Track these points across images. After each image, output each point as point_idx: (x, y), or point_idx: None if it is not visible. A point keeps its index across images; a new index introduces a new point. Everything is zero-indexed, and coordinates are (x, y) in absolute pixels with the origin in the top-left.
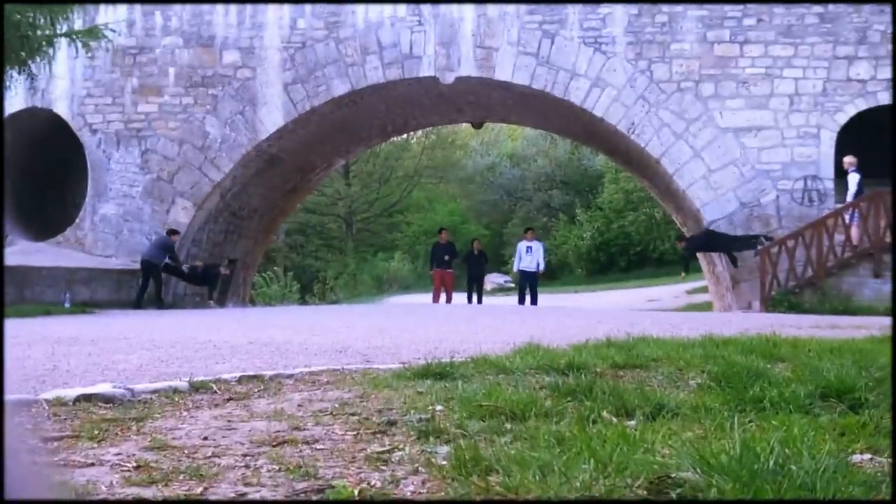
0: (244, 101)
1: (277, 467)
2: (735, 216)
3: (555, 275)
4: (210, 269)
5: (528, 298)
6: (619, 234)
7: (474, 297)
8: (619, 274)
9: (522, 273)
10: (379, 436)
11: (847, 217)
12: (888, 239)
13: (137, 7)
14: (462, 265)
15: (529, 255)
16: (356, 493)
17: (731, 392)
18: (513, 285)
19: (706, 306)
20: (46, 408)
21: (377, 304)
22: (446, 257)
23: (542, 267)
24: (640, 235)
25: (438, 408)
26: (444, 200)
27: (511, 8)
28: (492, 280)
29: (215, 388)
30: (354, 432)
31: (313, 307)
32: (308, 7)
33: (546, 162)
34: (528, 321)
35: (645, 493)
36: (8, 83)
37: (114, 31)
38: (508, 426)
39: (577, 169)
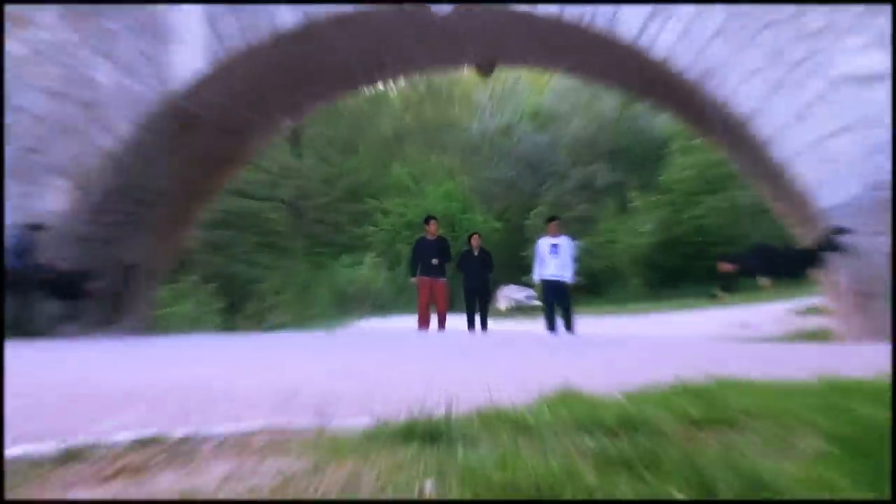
0: (149, 36)
1: None
2: (861, 202)
3: (599, 287)
4: (70, 278)
5: (559, 322)
6: (692, 229)
7: (477, 320)
8: (694, 286)
9: (546, 285)
10: None
11: None
12: None
13: None
14: (458, 273)
15: (555, 257)
16: None
17: (865, 463)
18: (538, 303)
19: (824, 334)
20: None
21: (340, 331)
22: (435, 260)
23: (571, 275)
24: (723, 229)
25: (428, 486)
26: (438, 179)
27: None
28: (507, 294)
29: (97, 455)
30: None
31: (244, 336)
32: None
33: (585, 124)
34: (559, 356)
35: None
36: None
37: None
38: None
39: (629, 134)
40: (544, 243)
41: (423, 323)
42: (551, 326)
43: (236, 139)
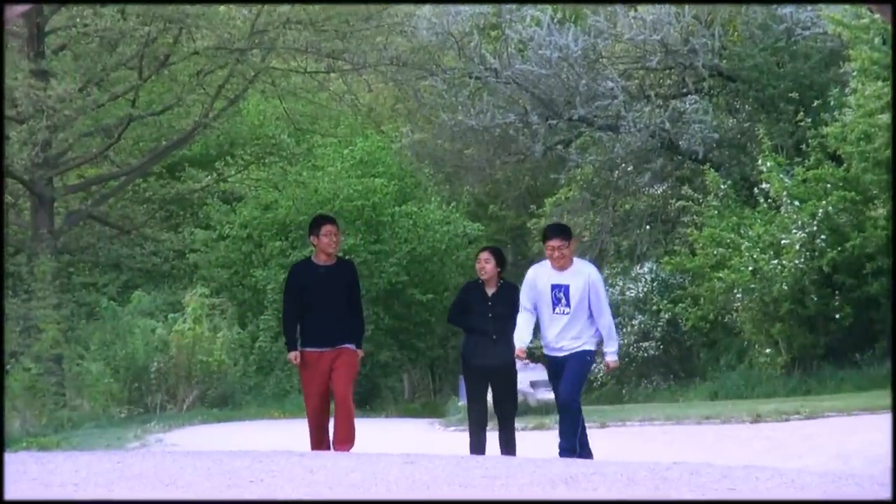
0: None
1: None
2: None
3: (688, 360)
4: None
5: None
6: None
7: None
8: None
9: (549, 364)
10: None
11: None
12: None
13: None
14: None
15: (561, 312)
16: None
17: None
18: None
19: None
20: None
21: (116, 455)
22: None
23: (613, 354)
24: None
25: None
26: (347, 130)
27: None
28: (529, 378)
29: None
30: None
31: None
32: None
33: (644, 25)
34: None
35: None
36: None
37: None
38: None
39: (745, 39)
40: (541, 281)
41: (318, 437)
42: (572, 445)
43: None
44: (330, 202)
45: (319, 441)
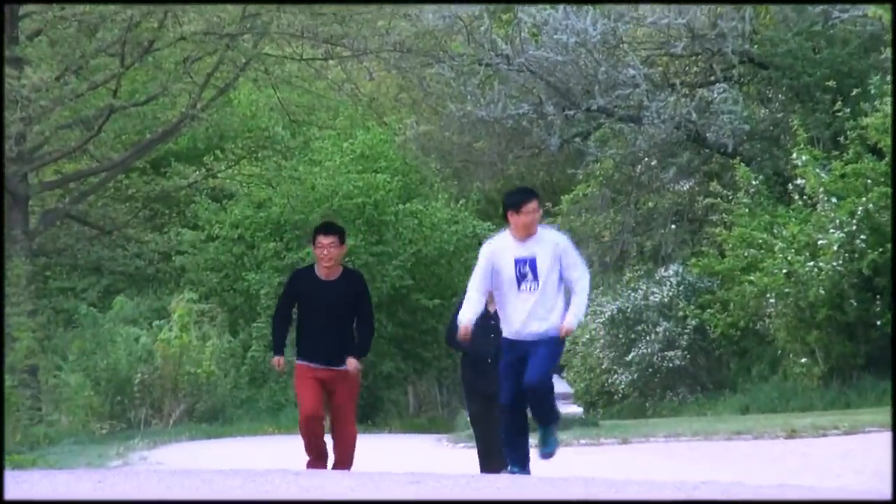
0: None
1: None
2: None
3: (718, 371)
4: None
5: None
6: None
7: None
8: None
9: (510, 348)
10: None
11: None
12: None
13: None
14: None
15: (527, 287)
16: None
17: None
18: (576, 410)
19: None
20: None
21: (92, 475)
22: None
23: (574, 319)
24: None
25: None
26: (348, 123)
27: None
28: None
29: None
30: None
31: None
32: None
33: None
34: None
35: None
36: None
37: None
38: None
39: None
40: (502, 256)
41: (315, 454)
42: (515, 453)
43: None
44: (328, 200)
45: (315, 459)
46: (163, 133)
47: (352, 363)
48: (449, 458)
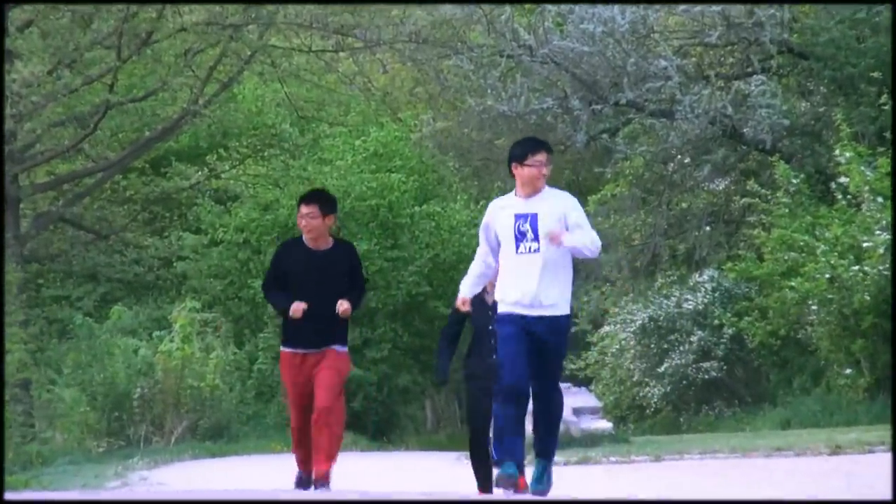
0: None
1: None
2: None
3: (757, 382)
4: None
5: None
6: None
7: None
8: None
9: (504, 324)
10: None
11: None
12: None
13: None
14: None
15: (529, 250)
16: None
17: None
18: (606, 426)
19: None
20: None
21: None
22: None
23: (572, 239)
24: None
25: None
26: (359, 119)
27: None
28: (572, 405)
29: None
30: None
31: None
32: None
33: None
34: None
35: None
36: None
37: None
38: None
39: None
40: (503, 213)
41: (302, 456)
42: (513, 448)
43: None
44: (340, 201)
45: (303, 463)
46: (162, 131)
47: (343, 304)
48: (468, 476)
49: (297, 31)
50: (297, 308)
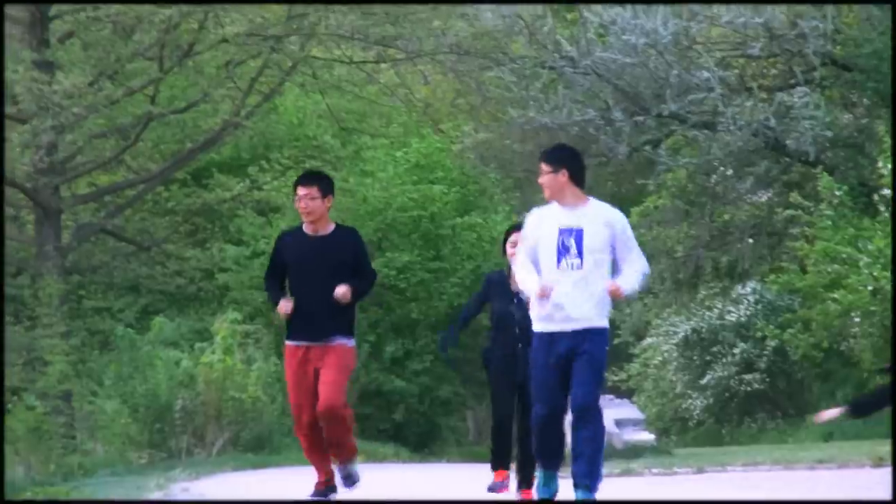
0: None
1: None
2: None
3: (799, 393)
4: None
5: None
6: None
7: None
8: None
9: (547, 346)
10: None
11: None
12: None
13: None
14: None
15: (571, 268)
16: None
17: None
18: (648, 437)
19: None
20: None
21: None
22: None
23: (628, 286)
24: None
25: None
26: (400, 131)
27: None
28: (614, 416)
29: None
30: None
31: None
32: None
33: None
34: None
35: None
36: None
37: None
38: None
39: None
40: (546, 223)
41: (318, 459)
42: (548, 458)
43: None
44: (381, 213)
45: (322, 464)
46: (204, 142)
47: (341, 288)
48: (511, 487)
49: (338, 43)
50: (283, 307)
